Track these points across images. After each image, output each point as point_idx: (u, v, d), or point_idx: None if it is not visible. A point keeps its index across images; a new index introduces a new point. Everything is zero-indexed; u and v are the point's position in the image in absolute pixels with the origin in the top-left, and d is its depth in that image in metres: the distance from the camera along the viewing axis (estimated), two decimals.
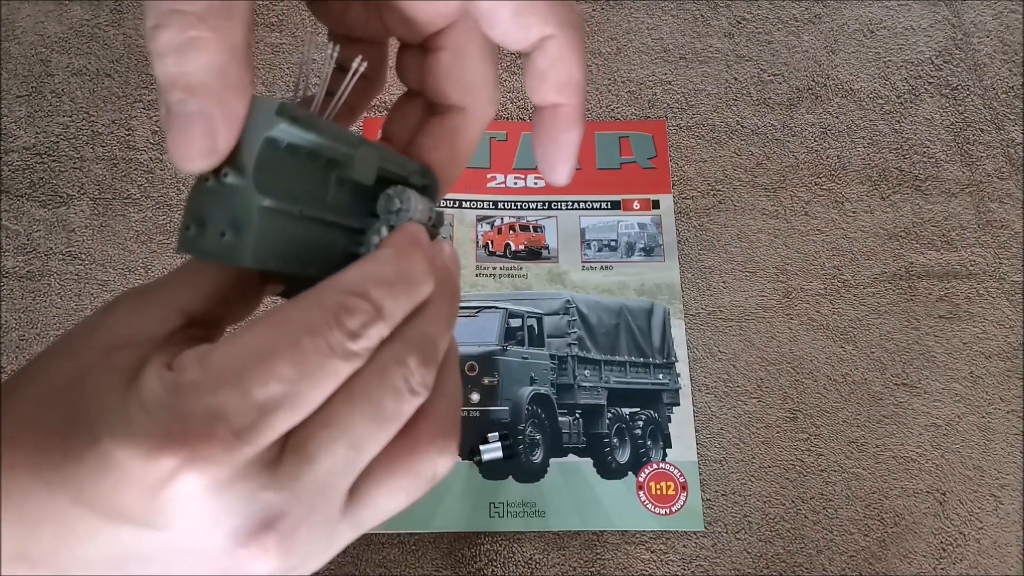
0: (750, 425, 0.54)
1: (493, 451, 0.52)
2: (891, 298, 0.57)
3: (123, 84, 0.64)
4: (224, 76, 0.20)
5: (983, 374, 0.55)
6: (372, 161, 0.25)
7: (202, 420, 0.19)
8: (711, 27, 0.67)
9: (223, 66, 0.20)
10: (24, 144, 0.62)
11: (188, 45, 0.19)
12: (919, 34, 0.66)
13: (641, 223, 0.59)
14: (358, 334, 0.21)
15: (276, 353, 0.20)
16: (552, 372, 0.55)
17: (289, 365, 0.20)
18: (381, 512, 0.23)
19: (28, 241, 0.59)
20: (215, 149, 0.21)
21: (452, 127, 0.28)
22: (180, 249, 0.22)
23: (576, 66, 0.26)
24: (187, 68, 0.20)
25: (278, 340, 0.20)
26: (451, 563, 0.50)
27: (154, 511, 0.19)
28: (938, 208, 0.60)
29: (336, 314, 0.21)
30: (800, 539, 0.51)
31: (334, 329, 0.21)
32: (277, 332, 0.20)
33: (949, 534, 0.51)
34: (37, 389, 0.21)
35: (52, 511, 0.19)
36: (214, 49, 0.20)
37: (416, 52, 0.28)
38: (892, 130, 0.63)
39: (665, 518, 0.51)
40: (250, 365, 0.20)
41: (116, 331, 0.22)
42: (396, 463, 0.23)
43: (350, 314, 0.21)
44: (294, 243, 0.23)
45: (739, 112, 0.63)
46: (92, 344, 0.21)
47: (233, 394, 0.19)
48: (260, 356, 0.20)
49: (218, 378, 0.19)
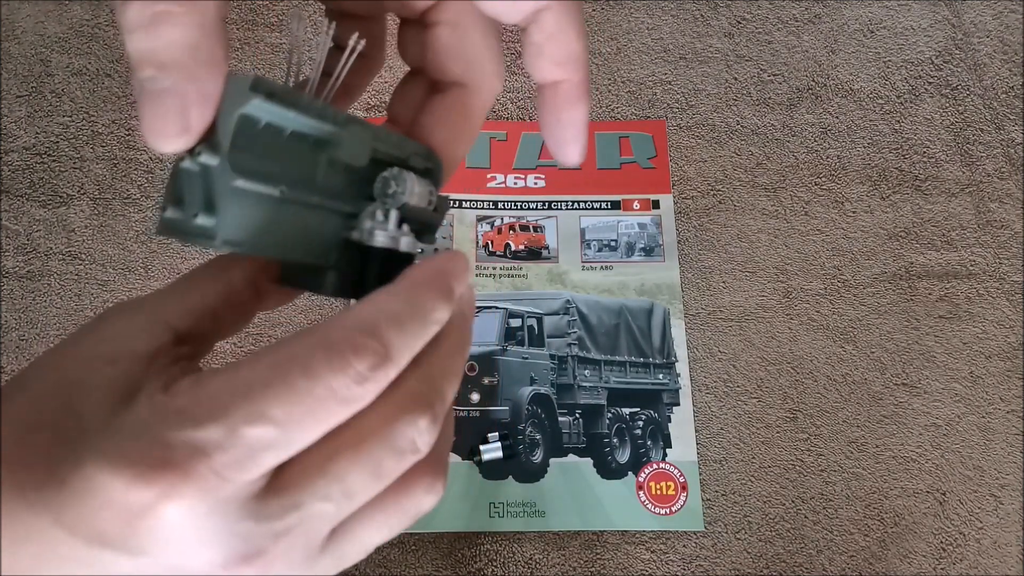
0: (750, 425, 0.54)
1: (493, 451, 0.52)
2: (891, 298, 0.57)
3: (123, 84, 0.64)
4: (196, 51, 0.19)
5: (983, 374, 0.55)
6: (363, 142, 0.24)
7: (184, 452, 0.19)
8: (711, 27, 0.67)
9: (194, 41, 0.19)
10: (24, 144, 0.62)
11: (157, 19, 0.19)
12: (919, 34, 0.66)
13: (641, 223, 0.59)
14: (365, 377, 0.20)
15: (270, 392, 0.19)
16: (552, 372, 0.55)
17: (279, 406, 0.19)
18: (363, 548, 0.22)
19: (28, 241, 0.59)
20: (188, 127, 0.20)
21: (455, 104, 0.26)
22: (157, 231, 0.22)
23: (575, 39, 0.25)
24: (157, 44, 0.19)
25: (274, 378, 0.19)
26: (451, 563, 0.50)
27: (134, 537, 0.19)
28: (938, 208, 0.60)
29: (342, 355, 0.20)
30: (800, 539, 0.51)
31: (338, 373, 0.20)
32: (275, 369, 0.20)
33: (949, 534, 0.51)
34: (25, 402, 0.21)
35: (33, 531, 0.19)
36: (184, 23, 0.19)
37: (416, 28, 0.27)
38: (892, 130, 0.63)
39: (665, 518, 0.51)
40: (240, 401, 0.19)
41: (104, 345, 0.21)
42: (384, 503, 0.22)
43: (358, 355, 0.20)
44: (274, 227, 0.22)
45: (739, 112, 0.63)
46: (80, 356, 0.21)
47: (218, 429, 0.19)
48: (252, 393, 0.19)
49: (207, 410, 0.19)
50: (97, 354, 0.21)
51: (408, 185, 0.25)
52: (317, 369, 0.20)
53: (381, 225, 0.25)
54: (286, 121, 0.22)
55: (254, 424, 0.19)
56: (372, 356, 0.20)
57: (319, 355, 0.20)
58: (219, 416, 0.19)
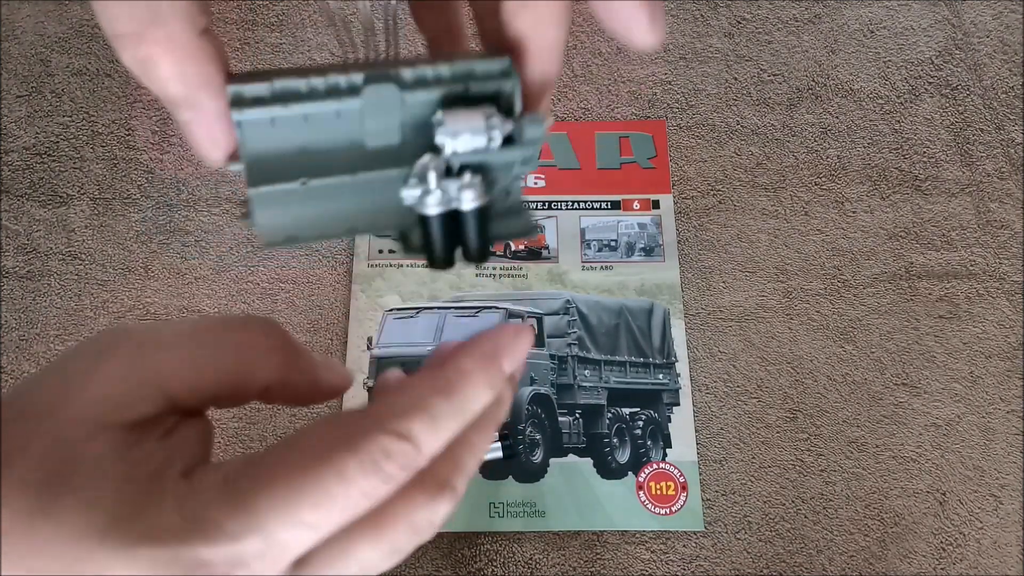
0: (750, 425, 0.54)
1: (493, 451, 0.52)
2: (891, 298, 0.57)
3: (123, 84, 0.64)
4: (185, 81, 0.20)
5: (983, 374, 0.55)
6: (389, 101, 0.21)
7: (224, 564, 0.19)
8: (711, 27, 0.67)
9: (179, 73, 0.20)
10: (24, 144, 0.62)
11: (143, 65, 0.20)
12: (919, 34, 0.66)
13: (641, 223, 0.59)
14: (394, 477, 0.20)
15: (305, 499, 0.19)
16: (552, 372, 0.55)
17: (316, 512, 0.19)
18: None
19: (28, 241, 0.59)
20: (218, 144, 0.21)
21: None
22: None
23: None
24: (156, 85, 0.20)
25: (307, 483, 0.19)
26: (451, 563, 0.50)
27: None
28: (938, 208, 0.60)
29: (374, 460, 0.20)
30: (800, 539, 0.51)
31: (369, 476, 0.20)
32: (307, 473, 0.19)
33: (949, 534, 0.51)
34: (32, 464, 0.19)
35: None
36: (164, 62, 0.19)
37: None
38: (892, 130, 0.63)
39: (665, 518, 0.51)
40: (278, 510, 0.19)
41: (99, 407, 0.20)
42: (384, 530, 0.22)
43: (389, 459, 0.20)
44: (314, 216, 0.22)
45: (739, 112, 0.63)
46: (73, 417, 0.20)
47: (258, 541, 0.19)
48: (288, 500, 0.19)
49: (245, 523, 0.19)
50: (93, 417, 0.20)
51: (447, 132, 0.21)
52: (350, 474, 0.20)
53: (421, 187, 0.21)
54: (291, 113, 0.21)
55: (292, 529, 0.19)
56: (402, 457, 0.20)
57: (350, 460, 0.20)
58: (258, 528, 0.19)
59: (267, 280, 0.58)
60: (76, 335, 0.56)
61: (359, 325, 0.56)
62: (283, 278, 0.58)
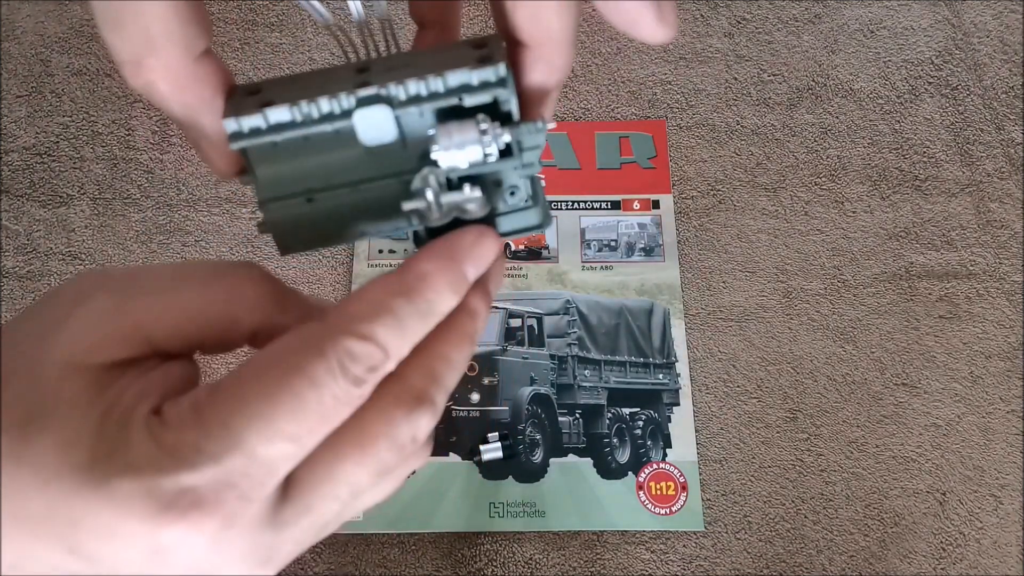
0: (750, 425, 0.54)
1: (493, 451, 0.52)
2: (891, 298, 0.57)
3: (123, 84, 0.64)
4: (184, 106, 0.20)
5: (983, 374, 0.55)
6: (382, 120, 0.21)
7: (211, 489, 0.18)
8: (711, 27, 0.67)
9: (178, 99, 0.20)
10: (24, 144, 0.62)
11: (146, 90, 0.20)
12: (919, 34, 0.66)
13: (641, 223, 0.59)
14: (363, 379, 0.20)
15: (280, 408, 0.19)
16: (552, 372, 0.55)
17: (293, 421, 0.19)
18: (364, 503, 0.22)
19: (28, 241, 0.59)
20: (224, 162, 0.22)
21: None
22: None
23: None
24: (163, 107, 0.20)
25: (281, 392, 0.19)
26: (451, 563, 0.50)
27: (159, 567, 0.19)
28: (938, 208, 0.60)
29: (340, 362, 0.20)
30: (800, 539, 0.51)
31: (339, 379, 0.20)
32: (280, 382, 0.19)
33: (949, 534, 0.51)
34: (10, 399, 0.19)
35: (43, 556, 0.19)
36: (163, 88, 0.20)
37: None
38: (892, 130, 0.63)
39: (665, 518, 0.51)
40: (255, 423, 0.19)
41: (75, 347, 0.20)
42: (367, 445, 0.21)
43: (355, 361, 0.20)
44: (324, 224, 0.22)
45: (739, 112, 0.63)
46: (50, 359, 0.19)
47: (240, 458, 0.19)
48: (263, 411, 0.19)
49: (224, 441, 0.19)
50: (68, 359, 0.19)
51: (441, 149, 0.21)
52: (320, 378, 0.19)
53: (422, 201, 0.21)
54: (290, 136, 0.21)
55: (273, 443, 0.19)
56: (368, 359, 0.20)
57: (318, 365, 0.19)
58: (237, 444, 0.19)
59: None
60: None
61: None
62: (283, 278, 0.57)
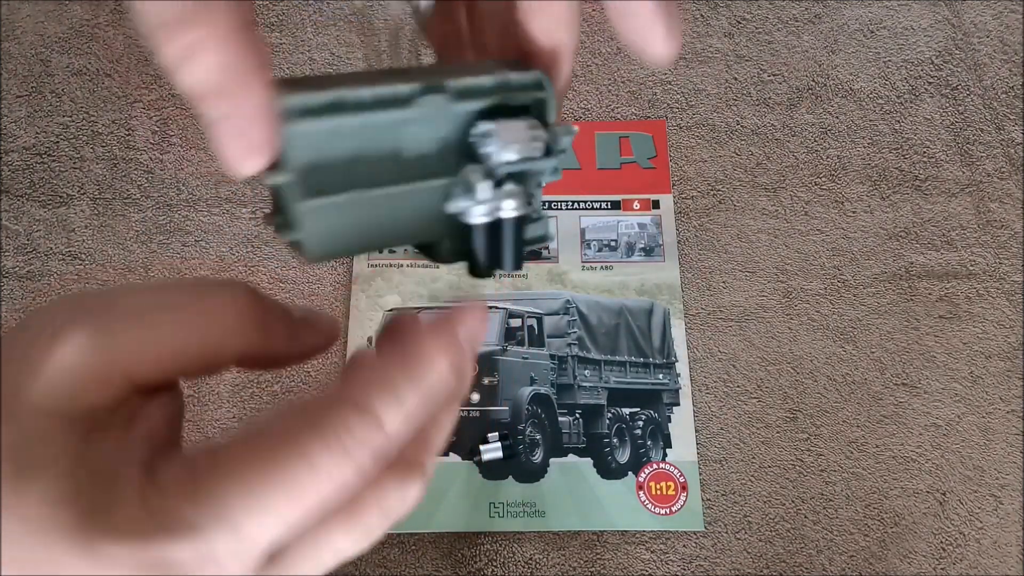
0: (750, 425, 0.54)
1: (493, 451, 0.52)
2: (891, 298, 0.57)
3: (123, 84, 0.64)
4: (230, 72, 0.18)
5: (983, 374, 0.55)
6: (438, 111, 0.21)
7: (195, 562, 0.18)
8: (711, 27, 0.67)
9: (223, 62, 0.18)
10: (24, 144, 0.62)
11: (185, 52, 0.18)
12: (919, 34, 0.66)
13: (641, 223, 0.59)
14: (361, 462, 0.20)
15: (275, 490, 0.19)
16: (552, 372, 0.55)
17: (288, 504, 0.19)
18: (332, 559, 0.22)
19: (28, 241, 0.59)
20: (254, 147, 0.19)
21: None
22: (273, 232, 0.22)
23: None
24: (196, 78, 0.18)
25: (275, 470, 0.19)
26: (451, 563, 0.50)
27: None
28: (938, 208, 0.60)
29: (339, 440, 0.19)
30: (800, 539, 0.51)
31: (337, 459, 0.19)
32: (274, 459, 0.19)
33: (949, 534, 0.51)
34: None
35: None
36: (210, 48, 0.18)
37: None
38: (892, 130, 0.63)
39: (665, 518, 0.51)
40: (248, 503, 0.18)
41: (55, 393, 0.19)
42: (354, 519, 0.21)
43: (353, 439, 0.20)
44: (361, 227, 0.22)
45: (739, 112, 0.63)
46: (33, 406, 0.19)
47: (230, 537, 0.18)
48: (258, 493, 0.18)
49: (214, 517, 0.18)
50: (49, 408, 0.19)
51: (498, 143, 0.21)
52: (317, 459, 0.19)
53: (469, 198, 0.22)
54: (343, 123, 0.21)
55: (264, 524, 0.19)
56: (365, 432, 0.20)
57: (315, 443, 0.19)
58: (229, 523, 0.18)
59: (267, 280, 0.58)
60: None
61: (359, 325, 0.56)
62: (283, 278, 0.58)
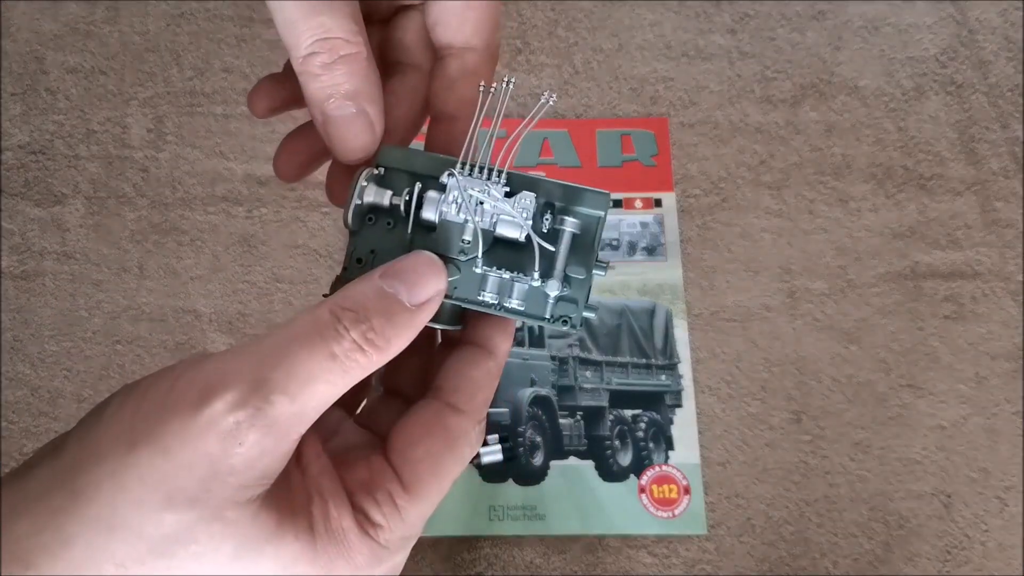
0: (753, 427, 0.53)
1: (493, 453, 0.52)
2: (896, 298, 0.57)
3: (118, 82, 0.63)
4: (368, 80, 0.25)
5: (988, 375, 0.54)
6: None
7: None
8: (714, 23, 0.66)
9: (365, 72, 0.25)
10: (19, 142, 0.61)
11: (340, 62, 0.25)
12: (924, 31, 0.66)
13: (643, 222, 0.59)
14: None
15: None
16: (553, 373, 0.54)
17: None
18: None
19: (23, 240, 0.58)
20: (376, 138, 0.26)
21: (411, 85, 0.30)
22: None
23: (474, 88, 0.28)
24: (342, 80, 0.25)
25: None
26: (450, 567, 0.49)
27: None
28: (943, 207, 0.60)
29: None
30: (804, 542, 0.50)
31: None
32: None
33: (954, 537, 0.51)
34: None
35: None
36: (359, 60, 0.25)
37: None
38: (897, 128, 0.62)
39: (667, 521, 0.50)
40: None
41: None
42: None
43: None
44: None
45: (742, 109, 0.63)
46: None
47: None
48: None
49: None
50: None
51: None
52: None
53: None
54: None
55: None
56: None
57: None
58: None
59: (264, 280, 0.57)
60: (71, 335, 0.55)
61: None
62: (280, 278, 0.57)
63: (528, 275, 0.25)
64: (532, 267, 0.25)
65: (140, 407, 0.21)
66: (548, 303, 0.26)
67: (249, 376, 0.21)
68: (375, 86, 0.26)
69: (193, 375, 0.21)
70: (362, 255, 0.26)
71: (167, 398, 0.21)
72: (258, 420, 0.20)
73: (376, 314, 0.23)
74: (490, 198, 0.26)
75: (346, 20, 0.24)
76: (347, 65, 0.25)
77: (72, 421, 0.53)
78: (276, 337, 0.22)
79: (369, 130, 0.26)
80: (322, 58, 0.24)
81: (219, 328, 0.56)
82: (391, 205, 0.26)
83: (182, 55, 0.64)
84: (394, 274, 0.24)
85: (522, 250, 0.26)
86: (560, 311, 0.26)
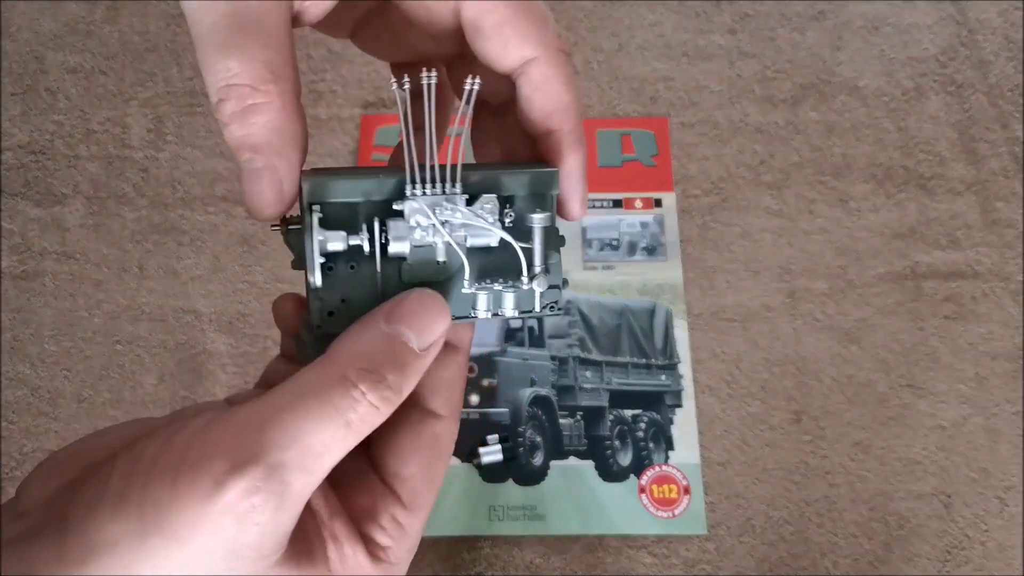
0: (753, 427, 0.53)
1: (492, 453, 0.52)
2: (896, 298, 0.57)
3: (118, 82, 0.63)
4: (280, 133, 0.23)
5: (988, 375, 0.54)
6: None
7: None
8: (714, 23, 0.66)
9: (278, 124, 0.23)
10: (19, 142, 0.61)
11: (247, 111, 0.22)
12: (924, 31, 0.66)
13: (643, 222, 0.59)
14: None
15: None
16: (553, 373, 0.54)
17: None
18: None
19: (23, 240, 0.58)
20: (283, 197, 0.23)
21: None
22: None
23: (563, 89, 0.26)
24: (249, 131, 0.22)
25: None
26: (450, 567, 0.49)
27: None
28: (943, 207, 0.59)
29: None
30: (804, 542, 0.50)
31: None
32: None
33: (954, 537, 0.51)
34: None
35: None
36: (268, 111, 0.22)
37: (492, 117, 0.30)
38: (897, 128, 0.62)
39: (667, 521, 0.50)
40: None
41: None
42: None
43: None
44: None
45: (743, 109, 0.63)
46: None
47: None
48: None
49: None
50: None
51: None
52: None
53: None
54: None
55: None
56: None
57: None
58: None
59: (264, 280, 0.57)
60: (71, 335, 0.55)
61: None
62: (280, 278, 0.57)
63: (517, 280, 0.25)
64: (517, 272, 0.25)
65: (147, 490, 0.20)
66: (536, 297, 0.26)
67: (262, 457, 0.20)
68: (289, 138, 0.23)
69: (201, 446, 0.21)
70: (333, 307, 0.24)
71: (176, 482, 0.20)
72: (273, 500, 0.20)
73: (389, 368, 0.22)
74: (456, 215, 0.24)
75: (256, 65, 0.22)
76: (256, 116, 0.22)
77: (72, 421, 0.53)
78: (284, 398, 0.21)
79: (275, 187, 0.23)
80: (229, 106, 0.22)
81: (219, 328, 0.56)
82: (350, 248, 0.24)
83: (182, 55, 0.64)
84: (399, 318, 0.23)
85: (496, 251, 0.25)
86: (546, 299, 0.26)
